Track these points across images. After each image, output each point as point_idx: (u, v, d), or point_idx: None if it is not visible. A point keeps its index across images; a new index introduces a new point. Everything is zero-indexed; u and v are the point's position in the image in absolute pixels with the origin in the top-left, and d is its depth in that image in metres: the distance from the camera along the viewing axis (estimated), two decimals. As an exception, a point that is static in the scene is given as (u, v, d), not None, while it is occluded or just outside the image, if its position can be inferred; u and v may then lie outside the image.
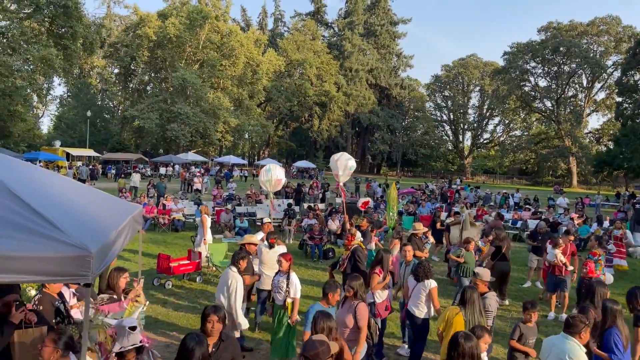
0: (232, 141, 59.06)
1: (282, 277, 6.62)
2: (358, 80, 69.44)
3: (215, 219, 18.57)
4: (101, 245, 3.19)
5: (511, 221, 20.81)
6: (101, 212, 4.03)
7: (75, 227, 3.17)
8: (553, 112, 64.27)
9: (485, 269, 6.46)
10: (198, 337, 3.66)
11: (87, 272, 2.94)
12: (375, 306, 6.86)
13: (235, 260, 6.41)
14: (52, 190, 3.80)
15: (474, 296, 5.37)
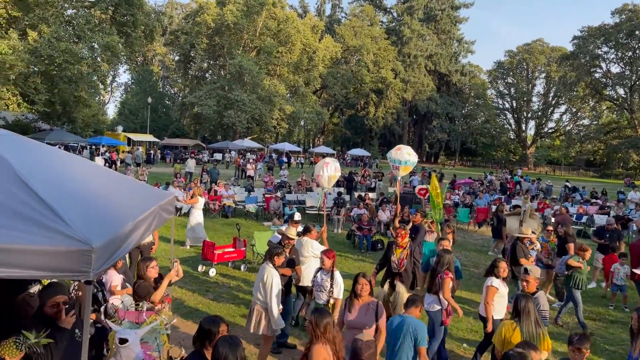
0: (287, 128, 59.28)
1: (326, 276, 6.25)
2: (416, 67, 67.79)
3: (265, 206, 18.56)
4: (108, 239, 2.96)
5: (576, 216, 19.55)
6: (120, 201, 3.82)
7: (82, 218, 2.96)
8: (626, 100, 60.22)
9: (536, 266, 5.88)
10: (232, 340, 3.27)
11: (87, 269, 2.72)
12: (442, 312, 6.39)
13: (270, 256, 6.08)
14: (66, 177, 3.62)
15: (529, 305, 4.79)
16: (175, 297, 8.84)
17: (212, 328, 3.52)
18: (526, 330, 4.67)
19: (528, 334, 4.65)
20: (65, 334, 3.58)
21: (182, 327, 7.60)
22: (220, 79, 53.41)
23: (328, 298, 6.21)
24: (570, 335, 3.78)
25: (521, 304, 4.78)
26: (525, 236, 9.07)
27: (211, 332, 3.50)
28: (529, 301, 4.82)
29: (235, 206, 18.54)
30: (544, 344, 4.64)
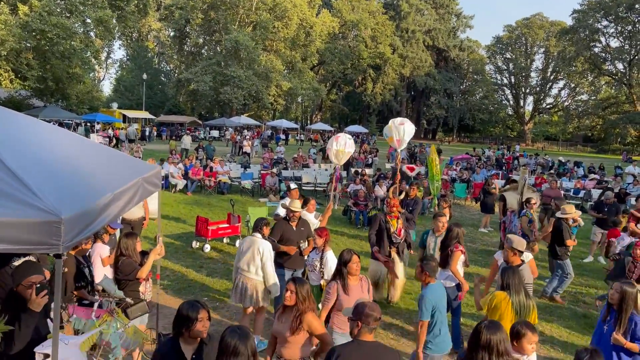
0: (284, 105, 58.74)
1: (317, 255, 6.09)
2: (414, 42, 66.95)
3: (261, 182, 18.42)
4: (80, 210, 2.80)
5: (573, 190, 19.48)
6: (99, 173, 3.66)
7: (52, 189, 2.79)
8: (625, 75, 59.72)
9: (519, 237, 5.75)
10: (241, 331, 3.02)
11: (57, 241, 2.56)
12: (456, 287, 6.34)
13: (259, 227, 6.03)
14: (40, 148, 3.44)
15: (517, 277, 4.67)
16: (168, 273, 8.75)
17: (191, 314, 3.19)
18: (517, 302, 4.57)
19: (519, 305, 4.56)
20: (35, 317, 3.33)
21: (175, 304, 7.51)
22: (216, 55, 52.69)
23: (320, 278, 6.06)
24: (578, 351, 3.57)
25: (508, 277, 4.66)
26: (568, 216, 8.79)
27: (189, 318, 3.18)
28: (516, 273, 4.69)
29: (230, 182, 18.39)
30: (532, 316, 4.59)
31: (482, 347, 3.12)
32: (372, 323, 3.40)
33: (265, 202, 15.87)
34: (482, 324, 3.23)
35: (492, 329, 3.17)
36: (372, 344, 3.42)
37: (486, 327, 3.19)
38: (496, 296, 4.69)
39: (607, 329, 4.37)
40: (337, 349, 3.39)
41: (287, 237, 6.68)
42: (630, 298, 4.26)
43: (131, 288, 5.18)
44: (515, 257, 5.51)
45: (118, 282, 5.08)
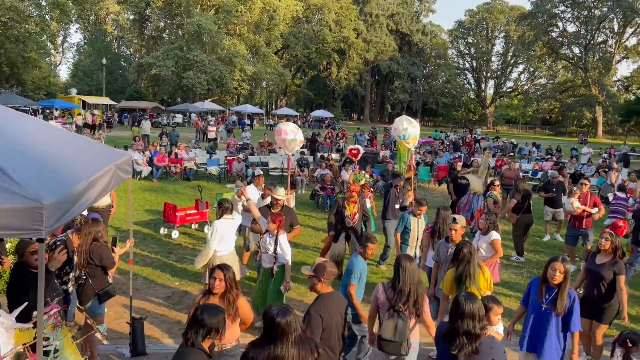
0: (248, 90, 58.27)
1: (270, 239, 6.20)
2: (378, 26, 67.20)
3: (227, 168, 18.41)
4: (61, 196, 2.88)
5: (531, 172, 20.21)
6: (73, 159, 3.71)
7: (32, 175, 2.86)
8: (581, 59, 61.63)
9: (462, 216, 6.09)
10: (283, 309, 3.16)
11: (39, 226, 2.64)
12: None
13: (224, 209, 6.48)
14: (15, 135, 3.47)
15: (469, 251, 5.02)
16: (138, 260, 8.77)
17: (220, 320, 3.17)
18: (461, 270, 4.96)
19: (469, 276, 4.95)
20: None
21: (145, 290, 7.58)
22: (178, 39, 51.76)
23: (273, 262, 6.18)
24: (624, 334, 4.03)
25: (460, 250, 5.04)
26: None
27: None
28: (468, 247, 5.04)
29: (196, 169, 18.32)
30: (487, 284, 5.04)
31: (466, 316, 3.45)
32: (331, 278, 4.12)
33: (233, 188, 15.90)
34: (461, 297, 3.56)
35: (470, 299, 3.52)
36: (333, 293, 4.15)
37: (465, 298, 3.53)
38: (449, 273, 5.12)
39: (545, 307, 4.46)
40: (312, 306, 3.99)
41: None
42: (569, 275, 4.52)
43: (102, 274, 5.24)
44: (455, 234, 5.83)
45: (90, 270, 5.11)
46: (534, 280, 4.71)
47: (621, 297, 5.40)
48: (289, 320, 3.09)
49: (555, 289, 4.43)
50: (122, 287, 7.44)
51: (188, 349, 3.02)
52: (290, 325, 3.09)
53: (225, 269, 4.01)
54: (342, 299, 4.29)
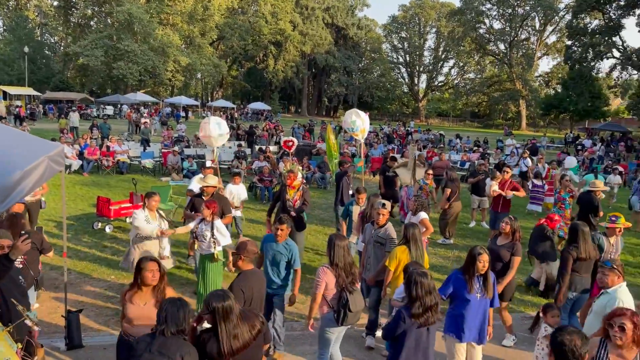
0: (183, 81, 56.94)
1: (206, 226, 6.33)
2: (314, 19, 67.46)
3: (162, 161, 18.10)
4: (-3, 186, 2.91)
5: (459, 162, 21.21)
6: (6, 152, 3.68)
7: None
8: (506, 55, 64.79)
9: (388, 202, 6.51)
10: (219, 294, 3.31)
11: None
12: None
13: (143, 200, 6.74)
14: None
15: (416, 232, 5.48)
16: (71, 254, 8.57)
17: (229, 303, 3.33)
18: (415, 254, 5.40)
19: (415, 257, 5.39)
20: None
21: (80, 284, 7.47)
22: (107, 28, 49.72)
23: (211, 248, 6.31)
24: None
25: (410, 232, 5.46)
26: (598, 189, 9.33)
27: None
28: (415, 228, 5.49)
29: (130, 162, 17.89)
30: (425, 264, 5.45)
31: (432, 290, 3.88)
32: (251, 256, 4.47)
33: (168, 182, 15.71)
34: (420, 276, 3.89)
35: (426, 276, 3.92)
36: (254, 270, 4.51)
37: (422, 275, 3.90)
38: (397, 250, 5.49)
39: (480, 296, 4.71)
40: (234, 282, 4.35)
41: (196, 209, 7.10)
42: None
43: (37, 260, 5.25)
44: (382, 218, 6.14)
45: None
46: (455, 275, 4.81)
47: (510, 275, 5.90)
48: (228, 303, 3.27)
49: (481, 277, 4.74)
50: (55, 282, 7.31)
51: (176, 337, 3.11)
52: (230, 307, 3.27)
53: (158, 261, 4.08)
54: (262, 275, 4.67)
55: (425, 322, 3.87)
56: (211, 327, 3.34)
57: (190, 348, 3.14)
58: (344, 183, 10.07)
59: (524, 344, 6.32)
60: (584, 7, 45.64)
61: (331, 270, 4.69)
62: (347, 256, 4.73)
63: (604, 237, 6.47)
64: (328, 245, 4.78)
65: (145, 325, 3.82)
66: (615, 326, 3.36)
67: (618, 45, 46.39)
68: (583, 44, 47.59)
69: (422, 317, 3.84)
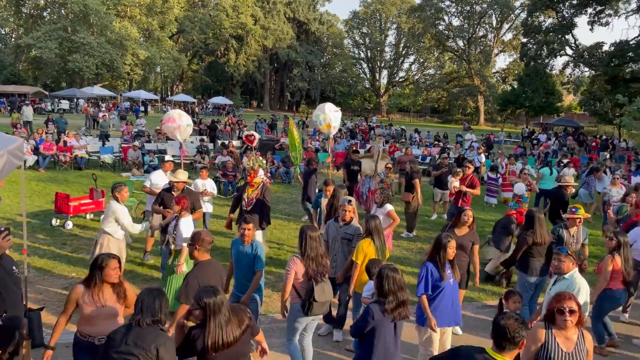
0: (142, 75, 55.71)
1: (173, 222, 6.30)
2: (276, 14, 67.10)
3: (122, 156, 17.72)
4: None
5: (421, 157, 21.60)
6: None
7: None
8: (464, 52, 66.18)
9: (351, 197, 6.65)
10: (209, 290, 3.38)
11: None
12: None
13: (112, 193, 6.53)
14: None
15: (378, 223, 5.59)
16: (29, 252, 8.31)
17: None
18: (378, 245, 5.51)
19: (379, 248, 5.51)
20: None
21: (40, 281, 7.29)
22: (62, 19, 48.02)
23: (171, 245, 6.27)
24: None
25: (371, 225, 5.56)
26: (568, 184, 9.62)
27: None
28: (377, 220, 5.60)
29: (88, 157, 17.43)
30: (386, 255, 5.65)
31: (404, 287, 3.96)
32: (207, 246, 4.56)
33: (129, 177, 15.42)
34: (391, 271, 3.96)
35: (397, 271, 3.99)
36: (210, 261, 4.57)
37: (393, 271, 3.96)
38: (362, 243, 5.56)
39: (452, 281, 4.88)
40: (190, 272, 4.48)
41: (166, 205, 7.05)
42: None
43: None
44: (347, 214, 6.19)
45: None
46: (428, 267, 4.88)
47: (475, 262, 6.18)
48: (219, 299, 3.32)
49: (449, 262, 4.92)
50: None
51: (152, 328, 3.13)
52: (221, 302, 3.33)
53: (118, 258, 4.02)
54: (219, 266, 4.71)
55: (399, 316, 3.94)
56: (201, 323, 3.36)
57: (166, 339, 3.15)
58: (312, 181, 10.16)
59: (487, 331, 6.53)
60: (539, 5, 47.07)
61: (301, 260, 4.75)
62: (318, 247, 4.78)
63: (563, 228, 6.77)
64: (300, 236, 4.84)
65: (107, 323, 3.79)
66: (566, 311, 3.54)
67: (571, 43, 48.10)
68: (538, 41, 49.07)
69: (395, 312, 3.91)
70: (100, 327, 3.82)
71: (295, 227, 11.26)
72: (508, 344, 2.98)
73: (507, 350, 2.99)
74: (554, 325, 3.62)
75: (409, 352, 5.55)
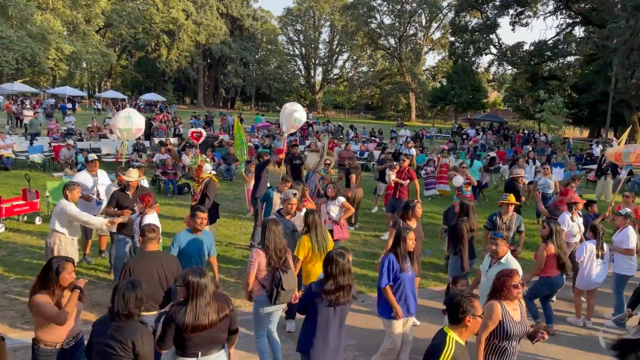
0: (67, 70, 53.02)
1: (137, 218, 6.32)
2: (208, 9, 65.82)
3: (53, 155, 16.96)
4: None
5: (359, 152, 22.11)
6: None
7: None
8: (396, 50, 67.95)
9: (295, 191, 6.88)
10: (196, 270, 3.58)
11: None
12: None
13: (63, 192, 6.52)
14: None
15: (316, 218, 5.76)
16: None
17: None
18: (320, 239, 5.68)
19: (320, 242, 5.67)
20: None
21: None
22: (-24, 10, 44.75)
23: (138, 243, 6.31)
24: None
25: (309, 220, 5.73)
26: (519, 176, 10.26)
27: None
28: (315, 214, 5.77)
29: (15, 157, 16.53)
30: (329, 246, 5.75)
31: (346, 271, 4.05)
32: (151, 235, 4.66)
33: (62, 177, 14.78)
34: (336, 255, 4.10)
35: (343, 256, 4.11)
36: (156, 252, 4.66)
37: (339, 255, 4.09)
38: (303, 238, 5.75)
39: (410, 273, 5.07)
40: (130, 262, 4.54)
41: (123, 205, 6.96)
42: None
43: None
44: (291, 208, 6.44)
45: None
46: (389, 259, 5.01)
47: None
48: (203, 281, 3.47)
49: (408, 254, 5.09)
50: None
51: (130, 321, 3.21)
52: (205, 285, 3.48)
53: (73, 261, 3.97)
54: (166, 258, 4.68)
55: (336, 300, 4.00)
56: (183, 301, 3.49)
57: (143, 333, 3.23)
58: (264, 174, 10.23)
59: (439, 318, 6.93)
60: (465, 6, 49.22)
61: (263, 252, 4.88)
62: (279, 240, 4.94)
63: (497, 215, 7.32)
64: (262, 229, 5.01)
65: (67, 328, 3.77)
66: (519, 285, 4.03)
67: (495, 43, 50.67)
68: (465, 40, 51.29)
69: (333, 295, 3.99)
70: (61, 334, 3.78)
71: (241, 223, 11.32)
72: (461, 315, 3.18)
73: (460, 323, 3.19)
74: (504, 300, 4.02)
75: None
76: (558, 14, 45.61)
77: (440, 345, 3.09)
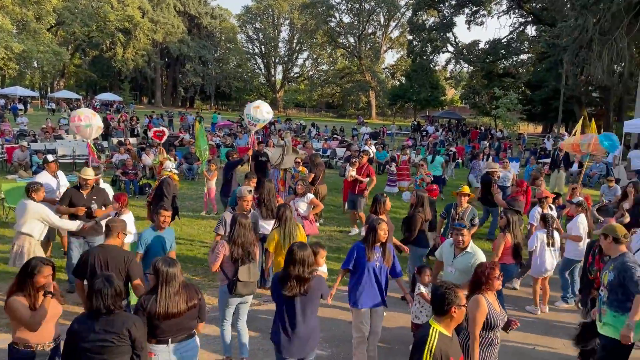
0: (17, 70, 51.09)
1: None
2: (165, 7, 64.65)
3: (6, 157, 16.40)
4: None
5: (322, 150, 22.28)
6: None
7: None
8: (355, 48, 68.57)
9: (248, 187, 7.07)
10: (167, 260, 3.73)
11: None
12: None
13: (28, 193, 6.34)
14: None
15: (287, 213, 5.90)
16: None
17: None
18: (286, 233, 5.83)
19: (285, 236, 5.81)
20: None
21: None
22: None
23: None
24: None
25: (280, 212, 5.91)
26: (494, 170, 10.83)
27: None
28: (287, 209, 5.94)
29: (-36, 160, 15.91)
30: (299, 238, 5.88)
31: (298, 262, 4.08)
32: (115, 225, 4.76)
33: (16, 179, 14.32)
34: (294, 246, 4.20)
35: (302, 248, 4.17)
36: (113, 246, 4.71)
37: (298, 247, 4.17)
38: (274, 232, 5.90)
39: (379, 264, 5.06)
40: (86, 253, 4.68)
41: (75, 204, 6.86)
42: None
43: None
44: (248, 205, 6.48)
45: None
46: (357, 246, 5.09)
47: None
48: (172, 270, 3.61)
49: (380, 247, 5.08)
50: None
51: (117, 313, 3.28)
52: (175, 274, 3.62)
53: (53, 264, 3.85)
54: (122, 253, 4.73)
55: (290, 290, 4.06)
56: (152, 289, 3.62)
57: (135, 319, 3.36)
58: (233, 176, 10.28)
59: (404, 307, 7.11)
60: (422, 5, 50.12)
61: (228, 244, 4.97)
62: (247, 234, 5.03)
63: (453, 207, 7.64)
64: (231, 223, 5.12)
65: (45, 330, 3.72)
66: (499, 276, 4.19)
67: (451, 41, 51.79)
68: (422, 39, 52.21)
69: (286, 284, 4.06)
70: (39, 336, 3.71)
71: (205, 222, 11.27)
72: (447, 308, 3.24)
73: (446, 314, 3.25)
74: (486, 292, 4.13)
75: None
76: (511, 13, 47.00)
77: (424, 337, 3.19)
